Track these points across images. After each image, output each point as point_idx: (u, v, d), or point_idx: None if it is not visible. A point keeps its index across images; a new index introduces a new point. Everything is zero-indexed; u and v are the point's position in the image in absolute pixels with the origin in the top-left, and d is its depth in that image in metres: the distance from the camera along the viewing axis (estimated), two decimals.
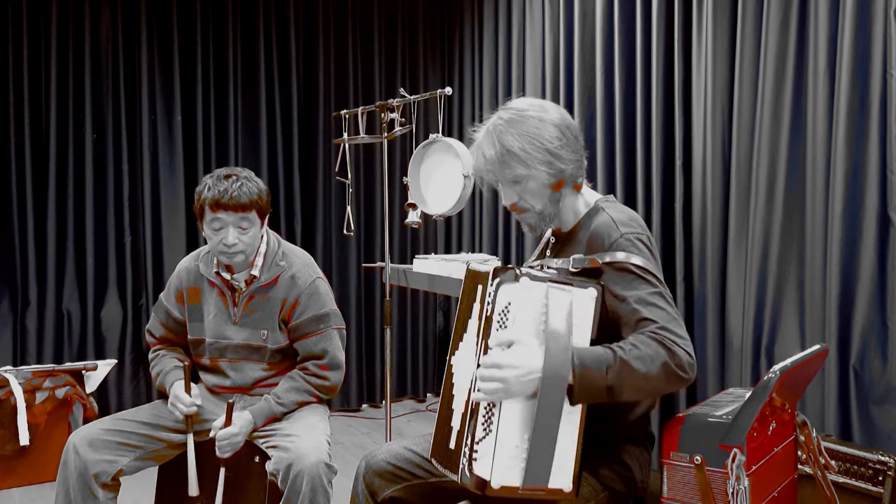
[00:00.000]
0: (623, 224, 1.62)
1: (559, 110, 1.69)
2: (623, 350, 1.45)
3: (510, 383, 1.42)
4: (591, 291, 1.49)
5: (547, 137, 1.63)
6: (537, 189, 1.66)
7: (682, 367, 1.46)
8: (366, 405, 4.78)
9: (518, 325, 1.46)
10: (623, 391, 1.45)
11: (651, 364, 1.44)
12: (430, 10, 4.94)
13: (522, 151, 1.62)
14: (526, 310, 1.46)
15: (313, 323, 2.28)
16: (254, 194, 2.19)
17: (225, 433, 2.13)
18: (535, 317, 1.46)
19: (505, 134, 1.64)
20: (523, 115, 1.65)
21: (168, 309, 2.38)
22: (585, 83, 3.48)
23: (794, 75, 2.56)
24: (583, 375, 1.42)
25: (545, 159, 1.63)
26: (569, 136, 1.66)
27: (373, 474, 1.83)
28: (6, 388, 3.28)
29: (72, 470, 2.08)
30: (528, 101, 1.70)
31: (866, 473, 2.01)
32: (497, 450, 1.44)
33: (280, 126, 4.49)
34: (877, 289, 2.31)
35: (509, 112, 1.67)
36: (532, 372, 1.42)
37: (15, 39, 3.93)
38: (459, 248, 4.77)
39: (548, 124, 1.64)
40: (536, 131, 1.63)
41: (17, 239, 3.96)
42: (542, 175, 1.64)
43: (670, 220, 3.02)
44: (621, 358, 1.44)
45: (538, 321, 1.46)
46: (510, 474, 1.43)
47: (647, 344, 1.46)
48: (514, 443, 1.44)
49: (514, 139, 1.62)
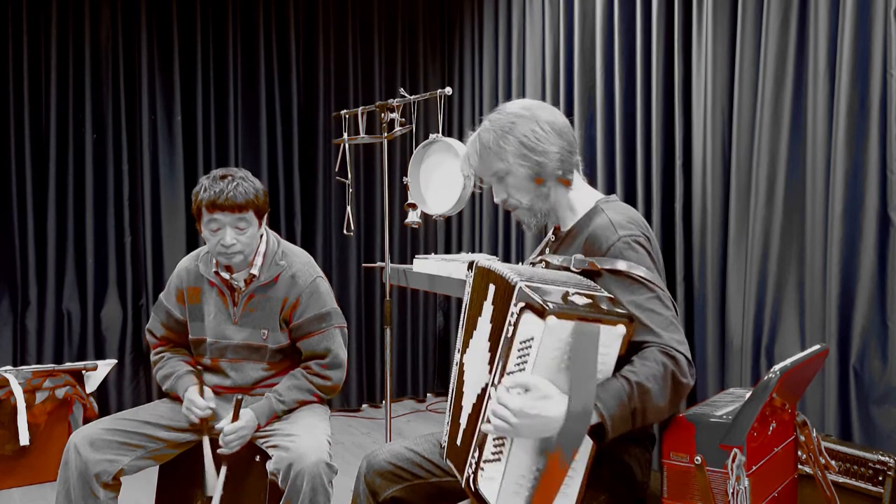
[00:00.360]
0: (621, 226, 1.62)
1: (548, 109, 1.73)
2: (636, 375, 1.43)
3: (520, 430, 1.39)
4: (620, 329, 1.40)
5: (522, 132, 1.67)
6: (519, 184, 1.70)
7: (684, 372, 1.46)
8: (366, 405, 4.78)
9: (538, 367, 1.39)
10: (647, 416, 1.44)
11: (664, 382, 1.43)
12: (430, 10, 4.94)
13: (496, 145, 1.68)
14: (548, 351, 1.38)
15: (315, 322, 2.29)
16: (250, 194, 2.19)
17: (232, 427, 2.14)
18: (558, 356, 1.39)
19: (485, 131, 1.71)
20: (505, 112, 1.71)
21: (169, 309, 2.38)
22: (585, 83, 3.48)
23: (794, 75, 2.56)
24: (611, 414, 1.40)
25: (520, 153, 1.67)
26: (548, 131, 1.68)
27: (374, 474, 1.84)
28: (6, 388, 3.28)
29: (73, 469, 2.08)
30: (518, 103, 1.75)
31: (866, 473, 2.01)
32: (505, 477, 1.42)
33: (280, 126, 4.49)
34: (877, 289, 2.31)
35: (495, 112, 1.73)
36: (547, 423, 1.38)
37: (15, 39, 3.93)
38: (459, 248, 4.78)
39: (526, 119, 1.68)
40: (511, 126, 1.67)
41: (17, 239, 3.96)
42: (519, 169, 1.68)
43: (670, 220, 3.02)
44: (638, 383, 1.42)
45: (560, 359, 1.39)
46: (513, 500, 1.43)
47: (654, 359, 1.45)
48: (522, 472, 1.43)
49: (490, 134, 1.69)
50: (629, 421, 1.43)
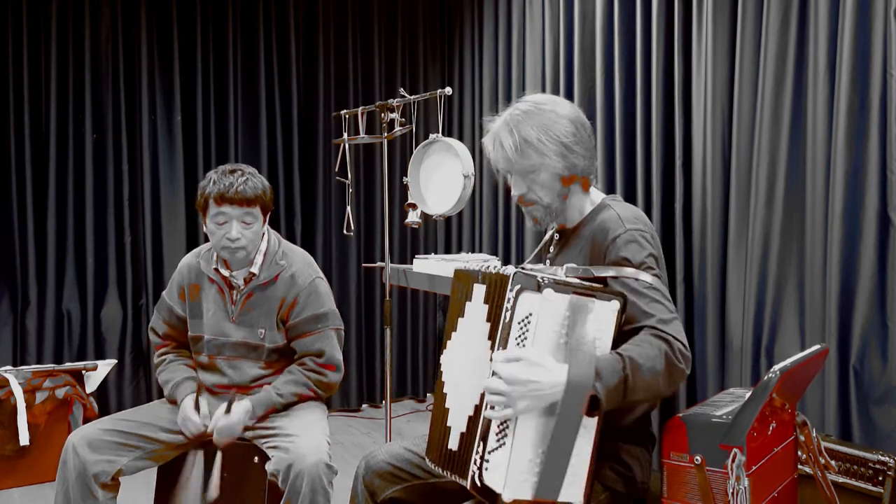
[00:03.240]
0: (628, 220, 1.64)
1: (572, 107, 1.73)
2: (629, 351, 1.45)
3: (515, 399, 1.40)
4: (614, 304, 1.47)
5: (562, 131, 1.67)
6: (548, 181, 1.69)
7: (679, 357, 1.46)
8: (366, 405, 4.78)
9: (538, 341, 1.43)
10: (637, 392, 1.44)
11: (655, 361, 1.44)
12: (430, 10, 4.94)
13: (539, 142, 1.66)
14: (547, 325, 1.43)
15: (311, 322, 2.28)
16: (258, 190, 2.21)
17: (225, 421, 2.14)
18: (556, 329, 1.44)
19: (523, 124, 1.68)
20: (540, 107, 1.69)
21: (171, 306, 2.39)
22: (585, 83, 3.48)
23: (794, 75, 2.55)
24: (606, 388, 1.41)
25: (560, 151, 1.67)
26: (581, 133, 1.70)
27: (373, 475, 1.83)
28: (6, 388, 3.28)
29: (71, 470, 2.08)
30: (543, 96, 1.75)
31: (866, 473, 2.01)
32: (511, 463, 1.43)
33: (280, 126, 4.49)
34: (877, 289, 2.31)
35: (526, 104, 1.71)
36: (540, 389, 1.40)
37: (15, 39, 3.93)
38: (459, 248, 4.77)
39: (563, 118, 1.68)
40: (553, 124, 1.67)
41: (17, 239, 3.96)
42: (555, 166, 1.67)
43: (670, 220, 3.02)
44: (630, 357, 1.43)
45: (559, 333, 1.44)
46: (522, 487, 1.42)
47: (648, 341, 1.46)
48: (528, 456, 1.43)
49: (532, 129, 1.66)
50: (621, 393, 1.43)
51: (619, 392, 1.43)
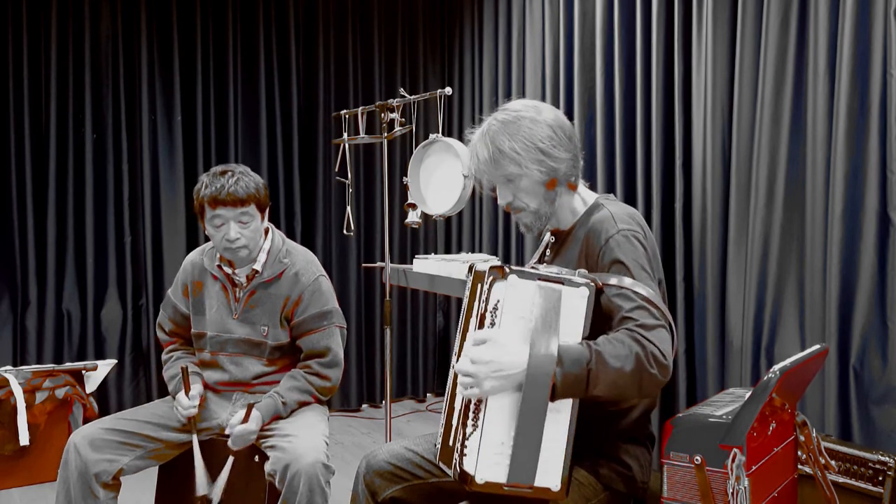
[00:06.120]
0: (621, 220, 1.64)
1: (553, 111, 1.73)
2: (599, 346, 1.46)
3: (480, 380, 1.44)
4: (583, 291, 1.49)
5: (539, 137, 1.66)
6: (531, 187, 1.70)
7: (651, 362, 1.44)
8: (366, 405, 4.78)
9: (504, 324, 1.48)
10: (598, 387, 1.44)
11: (625, 361, 1.44)
12: (430, 10, 4.94)
13: (513, 151, 1.66)
14: (513, 308, 1.47)
15: (316, 319, 2.30)
16: (251, 188, 2.21)
17: (242, 429, 2.14)
18: (523, 314, 1.47)
19: (498, 134, 1.68)
20: (517, 115, 1.69)
21: (175, 304, 2.40)
22: (585, 83, 3.48)
23: (794, 75, 2.56)
24: (565, 373, 1.42)
25: (537, 158, 1.67)
26: (561, 136, 1.69)
27: (373, 474, 1.84)
28: (6, 388, 3.28)
29: (72, 469, 2.08)
30: (522, 103, 1.74)
31: (866, 473, 2.01)
32: (482, 445, 1.45)
33: (280, 126, 4.49)
34: (877, 289, 2.31)
35: (504, 113, 1.71)
36: (501, 368, 1.43)
37: (15, 39, 3.93)
38: (459, 248, 4.77)
39: (541, 124, 1.68)
40: (529, 131, 1.66)
41: (17, 239, 3.96)
42: (534, 173, 1.68)
43: (670, 220, 3.02)
44: (597, 351, 1.44)
45: (527, 318, 1.47)
46: (494, 470, 1.44)
47: (622, 341, 1.46)
48: (500, 439, 1.45)
49: (506, 139, 1.67)
50: (583, 385, 1.43)
51: (581, 382, 1.43)
